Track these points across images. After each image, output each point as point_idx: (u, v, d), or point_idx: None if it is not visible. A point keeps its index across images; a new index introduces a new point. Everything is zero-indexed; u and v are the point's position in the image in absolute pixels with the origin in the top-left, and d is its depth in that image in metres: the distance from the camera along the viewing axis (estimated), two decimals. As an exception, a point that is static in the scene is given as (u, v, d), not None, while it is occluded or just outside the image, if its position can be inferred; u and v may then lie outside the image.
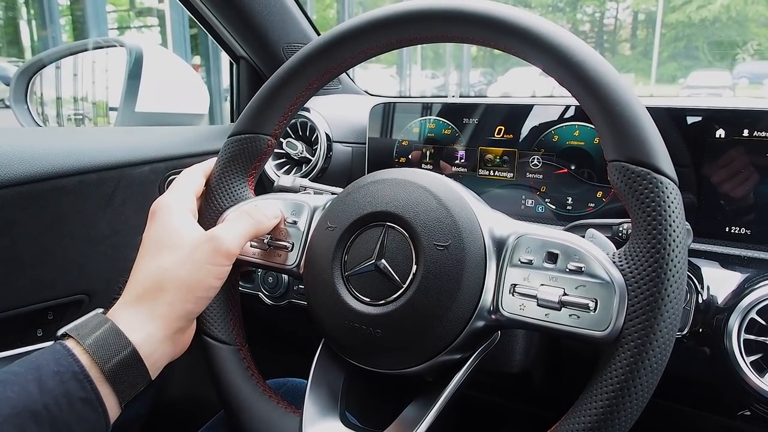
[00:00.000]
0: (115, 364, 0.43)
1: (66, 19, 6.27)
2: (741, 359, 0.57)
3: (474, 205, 0.51)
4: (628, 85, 0.45)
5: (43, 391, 0.40)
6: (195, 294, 0.49)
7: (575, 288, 0.45)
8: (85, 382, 0.42)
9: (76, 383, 0.41)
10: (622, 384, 0.41)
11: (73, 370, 0.41)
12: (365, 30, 0.55)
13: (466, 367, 0.51)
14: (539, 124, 0.77)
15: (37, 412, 0.39)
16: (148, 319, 0.47)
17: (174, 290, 0.48)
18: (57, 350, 0.43)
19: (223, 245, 0.50)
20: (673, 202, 0.43)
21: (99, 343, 0.43)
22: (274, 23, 0.98)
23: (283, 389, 0.72)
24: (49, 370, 0.41)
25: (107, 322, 0.45)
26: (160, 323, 0.47)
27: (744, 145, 0.64)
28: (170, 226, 0.51)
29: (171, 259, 0.49)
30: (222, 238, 0.50)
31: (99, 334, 0.44)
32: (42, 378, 0.40)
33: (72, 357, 0.42)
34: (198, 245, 0.50)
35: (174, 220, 0.51)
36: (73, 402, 0.41)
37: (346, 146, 0.96)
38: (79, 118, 1.14)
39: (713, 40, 13.67)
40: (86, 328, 0.44)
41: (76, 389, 0.41)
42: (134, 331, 0.45)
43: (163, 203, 0.53)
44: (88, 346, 0.43)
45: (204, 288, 0.49)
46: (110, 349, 0.43)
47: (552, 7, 15.85)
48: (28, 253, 0.72)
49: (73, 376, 0.41)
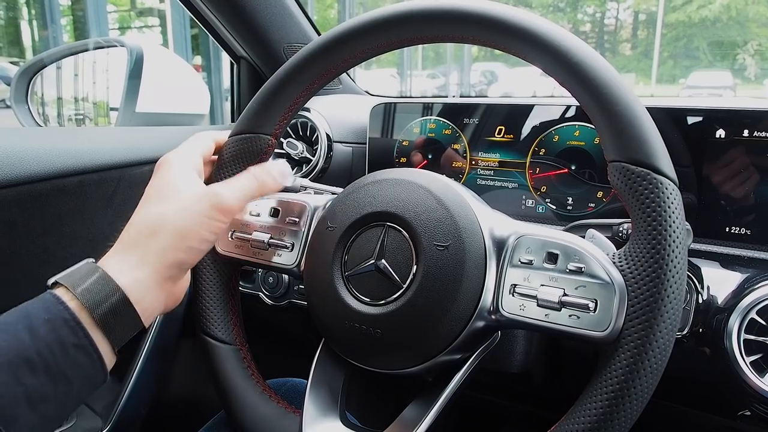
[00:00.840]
0: (106, 309, 0.43)
1: (67, 19, 6.28)
2: (741, 359, 0.57)
3: (474, 205, 0.51)
4: (628, 86, 0.45)
5: (35, 339, 0.40)
6: (187, 243, 0.48)
7: (575, 288, 0.45)
8: (77, 329, 0.41)
9: (68, 330, 0.41)
10: (622, 384, 0.41)
11: (64, 317, 0.41)
12: (366, 30, 0.55)
13: (466, 368, 0.51)
14: (540, 124, 0.77)
15: (30, 359, 0.39)
16: (137, 264, 0.46)
17: (166, 235, 0.47)
18: (47, 299, 0.42)
19: (224, 201, 0.50)
20: (673, 202, 0.43)
21: (89, 290, 0.43)
22: (275, 23, 0.98)
23: (284, 389, 0.72)
24: (39, 318, 0.41)
25: (98, 270, 0.45)
26: (149, 269, 0.46)
27: (744, 146, 0.64)
28: (172, 180, 0.51)
29: (169, 207, 0.49)
30: (223, 194, 0.50)
31: (88, 280, 0.44)
32: (32, 326, 0.40)
33: (62, 304, 0.42)
34: (198, 198, 0.50)
35: (177, 173, 0.52)
36: (66, 348, 0.40)
37: (346, 146, 0.96)
38: (80, 119, 1.14)
39: (714, 40, 13.67)
40: (77, 275, 0.44)
41: (69, 335, 0.41)
42: (123, 275, 0.45)
43: (169, 158, 0.53)
44: (79, 293, 0.43)
45: (197, 239, 0.49)
46: (99, 295, 0.43)
47: (553, 7, 15.85)
48: (28, 253, 0.72)
49: (64, 323, 0.41)
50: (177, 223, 0.48)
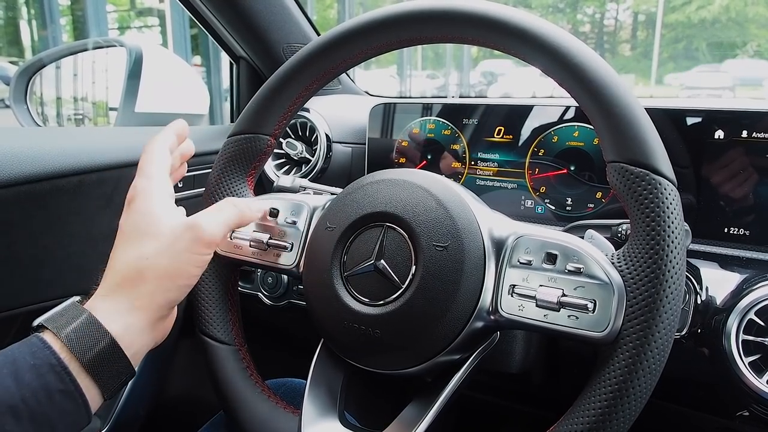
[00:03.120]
0: (95, 355, 0.42)
1: (66, 19, 6.27)
2: (739, 360, 0.57)
3: (473, 206, 0.51)
4: (627, 87, 0.46)
5: (20, 385, 0.39)
6: (176, 283, 0.48)
7: (574, 289, 0.45)
8: (63, 374, 0.41)
9: (54, 376, 0.40)
10: (620, 385, 0.41)
11: (50, 363, 0.40)
12: (365, 30, 0.55)
13: (465, 368, 0.51)
14: (539, 124, 0.77)
15: (15, 406, 0.38)
16: (127, 309, 0.45)
17: (154, 280, 0.46)
18: (33, 343, 0.42)
19: (205, 234, 0.49)
20: (672, 203, 0.43)
21: (76, 335, 0.42)
22: (274, 24, 0.98)
23: (283, 389, 0.72)
24: (25, 363, 0.40)
25: (84, 312, 0.44)
26: (140, 314, 0.46)
27: (743, 146, 0.64)
28: (149, 213, 0.49)
29: (151, 248, 0.47)
30: (203, 226, 0.49)
31: (76, 325, 0.43)
32: (18, 372, 0.39)
33: (48, 349, 0.41)
34: (179, 234, 0.48)
35: (154, 205, 0.49)
36: (51, 395, 0.40)
37: (345, 146, 0.96)
38: (79, 118, 1.14)
39: (713, 41, 13.68)
40: (62, 319, 0.43)
41: (54, 382, 0.40)
42: (113, 322, 0.44)
43: (142, 189, 0.50)
44: (65, 337, 0.42)
45: (185, 277, 0.48)
46: (88, 341, 0.42)
47: (552, 8, 15.85)
48: (27, 253, 0.72)
49: (50, 369, 0.40)
50: (162, 265, 0.47)
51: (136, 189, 0.51)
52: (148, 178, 0.51)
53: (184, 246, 0.48)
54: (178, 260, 0.47)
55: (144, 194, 0.50)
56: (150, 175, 0.51)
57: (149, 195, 0.50)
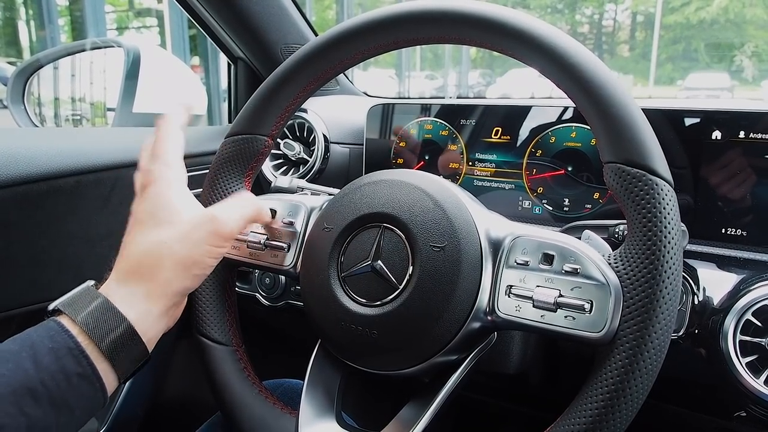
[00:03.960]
0: (112, 340, 0.43)
1: (65, 19, 6.27)
2: (736, 360, 0.57)
3: (470, 207, 0.51)
4: (624, 87, 0.46)
5: (39, 368, 0.39)
6: (192, 272, 0.48)
7: (571, 289, 0.45)
8: (81, 358, 0.41)
9: (72, 359, 0.41)
10: (617, 385, 0.41)
11: (69, 346, 0.41)
12: (363, 31, 0.55)
13: (463, 368, 0.51)
14: (536, 125, 0.77)
15: (34, 388, 0.39)
16: (144, 296, 0.46)
17: (171, 267, 0.47)
18: (50, 327, 0.42)
19: (224, 228, 0.49)
20: (669, 203, 0.43)
21: (93, 320, 0.43)
22: (272, 24, 0.98)
23: (280, 390, 0.72)
24: (43, 346, 0.40)
25: (99, 297, 0.44)
26: (156, 300, 0.46)
27: (740, 147, 0.64)
28: (168, 201, 0.49)
29: (169, 235, 0.47)
30: (222, 220, 0.50)
31: (92, 309, 0.43)
32: (36, 355, 0.40)
33: (66, 333, 0.42)
34: (198, 224, 0.48)
35: (172, 194, 0.49)
36: (70, 377, 0.40)
37: (343, 147, 0.96)
38: (77, 119, 1.14)
39: (711, 42, 13.70)
40: (79, 303, 0.44)
41: (73, 365, 0.41)
42: (130, 308, 0.45)
43: (160, 175, 0.50)
44: (82, 322, 0.42)
45: (201, 267, 0.49)
46: (106, 326, 0.43)
47: (551, 8, 15.87)
48: (24, 253, 0.72)
49: (68, 352, 0.41)
50: (180, 254, 0.47)
51: (152, 175, 0.50)
52: (166, 165, 0.50)
53: (202, 237, 0.48)
54: (195, 250, 0.48)
55: (161, 181, 0.49)
56: (167, 161, 0.50)
57: (168, 182, 0.49)
